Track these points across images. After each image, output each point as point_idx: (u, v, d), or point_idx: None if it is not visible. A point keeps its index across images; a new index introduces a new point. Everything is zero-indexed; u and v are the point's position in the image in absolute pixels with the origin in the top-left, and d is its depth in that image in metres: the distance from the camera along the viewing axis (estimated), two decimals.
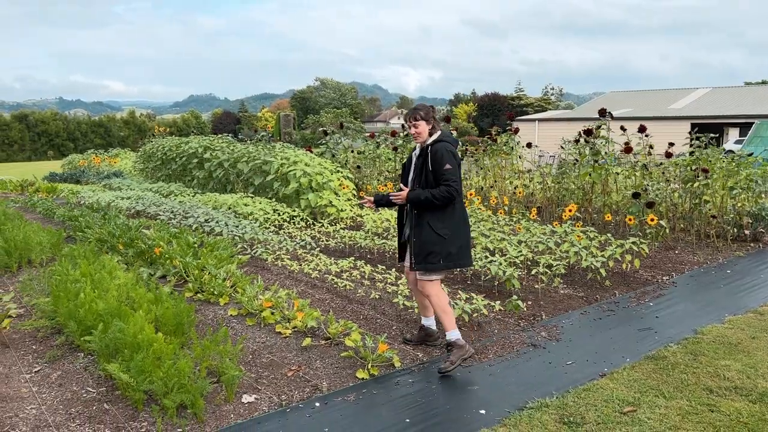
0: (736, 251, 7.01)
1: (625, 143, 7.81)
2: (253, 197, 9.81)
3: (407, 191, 3.79)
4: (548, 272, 5.30)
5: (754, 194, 7.61)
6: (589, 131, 7.78)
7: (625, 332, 4.48)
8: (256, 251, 6.77)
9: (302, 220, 8.87)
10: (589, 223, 7.90)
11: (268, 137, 17.92)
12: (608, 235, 6.10)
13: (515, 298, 4.75)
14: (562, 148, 9.79)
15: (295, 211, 9.00)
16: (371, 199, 4.07)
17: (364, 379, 3.67)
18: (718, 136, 10.46)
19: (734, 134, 31.82)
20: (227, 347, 3.61)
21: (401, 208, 4.03)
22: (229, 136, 14.76)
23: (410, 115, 3.82)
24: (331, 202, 9.11)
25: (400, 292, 5.02)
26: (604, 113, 8.02)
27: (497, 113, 65.55)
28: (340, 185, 9.51)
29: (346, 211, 9.00)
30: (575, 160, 8.53)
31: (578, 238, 6.07)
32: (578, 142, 8.79)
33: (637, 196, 6.77)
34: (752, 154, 8.44)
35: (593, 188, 8.13)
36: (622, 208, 7.98)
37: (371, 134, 11.85)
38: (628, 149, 7.62)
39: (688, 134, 8.07)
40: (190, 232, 6.80)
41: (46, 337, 4.46)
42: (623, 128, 8.01)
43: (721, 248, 7.14)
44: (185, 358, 3.39)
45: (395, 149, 11.12)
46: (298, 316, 4.45)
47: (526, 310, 4.92)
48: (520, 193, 8.95)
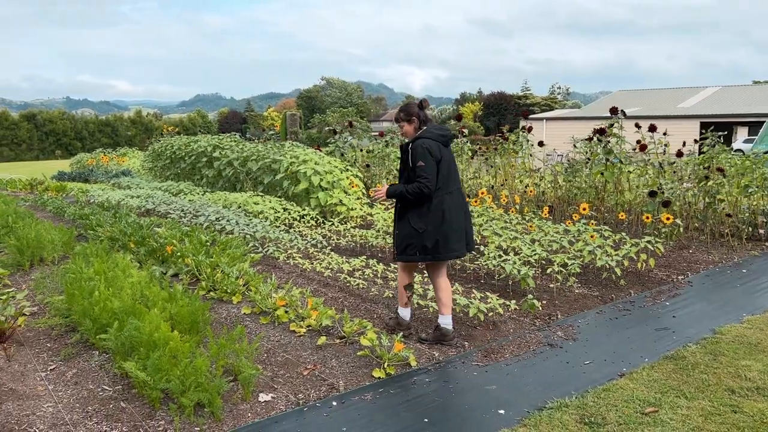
0: (751, 250, 6.94)
1: (638, 141, 7.74)
2: (262, 196, 9.80)
3: (385, 188, 4.05)
4: (563, 271, 5.25)
5: None
6: (602, 130, 7.73)
7: (642, 332, 4.43)
8: (267, 250, 6.75)
9: (312, 218, 8.86)
10: (601, 222, 7.85)
11: (276, 136, 17.93)
12: (622, 234, 6.04)
13: (530, 297, 4.71)
14: (574, 146, 9.74)
15: (305, 209, 8.99)
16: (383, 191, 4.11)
17: (380, 378, 3.64)
18: (726, 134, 10.37)
19: (743, 133, 31.62)
20: (243, 345, 3.60)
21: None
22: (236, 135, 14.77)
23: (395, 117, 4.10)
24: (341, 200, 9.10)
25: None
26: (615, 111, 7.96)
27: (503, 112, 65.39)
28: (350, 184, 9.48)
29: (356, 209, 8.98)
30: (587, 158, 8.47)
31: (592, 237, 6.03)
32: (591, 140, 8.74)
33: (653, 194, 6.72)
34: None
35: (605, 187, 8.07)
36: (634, 206, 7.92)
37: (380, 133, 11.82)
38: (642, 147, 7.56)
39: (702, 132, 8.01)
40: (201, 230, 6.80)
41: (60, 335, 4.45)
42: (638, 126, 7.95)
43: (736, 247, 7.07)
44: (201, 356, 3.38)
45: None
46: (312, 314, 4.42)
47: (541, 309, 4.88)
48: (531, 191, 8.90)
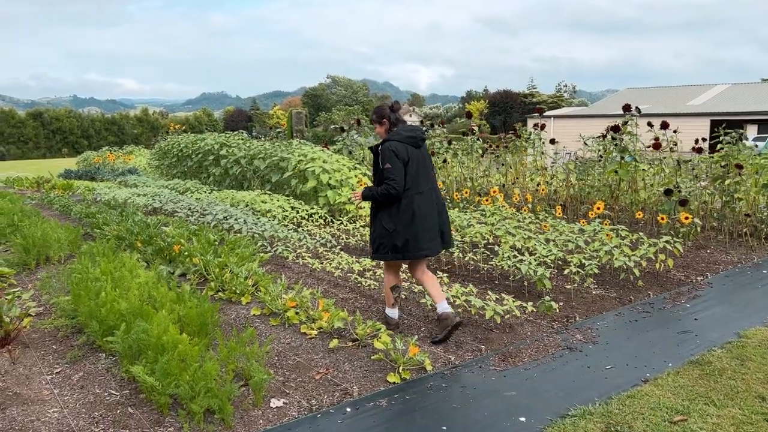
0: None
1: (655, 138, 7.59)
2: (270, 194, 9.70)
3: (361, 190, 4.18)
4: (580, 272, 5.12)
5: None
6: (616, 127, 7.57)
7: (663, 335, 4.29)
8: (276, 249, 6.64)
9: (321, 217, 8.74)
10: (615, 221, 7.69)
11: (282, 134, 17.84)
12: (640, 233, 5.89)
13: (548, 299, 4.58)
14: (585, 144, 9.58)
15: (313, 208, 8.87)
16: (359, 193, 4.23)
17: (395, 383, 3.52)
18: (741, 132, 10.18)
19: (753, 131, 31.29)
20: (254, 349, 3.48)
21: None
22: (243, 133, 14.68)
23: (370, 119, 4.27)
24: (349, 199, 8.97)
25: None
26: (629, 108, 7.80)
27: (509, 110, 65.09)
28: (358, 182, 9.36)
29: (365, 208, 8.85)
30: (599, 156, 8.32)
31: (608, 236, 5.89)
32: (603, 138, 8.58)
33: (669, 193, 6.56)
34: None
35: (620, 185, 7.91)
36: (649, 205, 7.77)
37: None
38: (657, 145, 7.40)
39: (713, 130, 7.84)
40: (209, 229, 6.70)
41: (66, 336, 4.36)
42: (650, 124, 7.78)
43: (755, 247, 6.91)
44: (211, 360, 3.27)
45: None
46: (323, 316, 4.31)
47: (558, 311, 4.74)
48: (543, 190, 8.76)
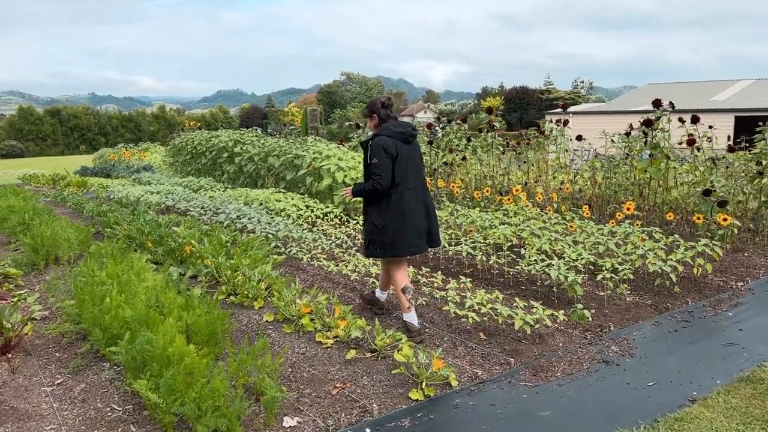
0: None
1: (688, 135, 7.21)
2: (284, 193, 9.46)
3: (351, 187, 4.17)
4: (614, 278, 4.80)
5: None
6: (648, 122, 7.20)
7: (707, 348, 3.96)
8: (290, 250, 6.40)
9: (336, 216, 8.49)
10: (645, 222, 7.33)
11: (297, 131, 17.62)
12: (675, 236, 5.55)
13: (580, 307, 4.28)
14: (612, 141, 9.21)
15: (328, 207, 8.62)
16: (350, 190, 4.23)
17: (418, 400, 3.24)
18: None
19: None
20: (266, 361, 3.23)
21: None
22: (258, 130, 14.48)
23: (362, 114, 4.39)
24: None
25: (449, 298, 4.58)
26: (659, 104, 7.43)
27: (525, 107, 64.42)
28: None
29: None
30: (627, 153, 7.96)
31: (640, 239, 5.55)
32: (629, 134, 8.22)
33: (708, 193, 6.19)
34: None
35: (650, 184, 7.55)
36: (682, 205, 7.39)
37: None
38: (691, 141, 7.02)
39: (738, 127, 7.43)
40: (222, 229, 6.47)
41: (70, 343, 4.14)
42: (682, 120, 7.41)
43: None
44: (220, 374, 3.02)
45: (430, 143, 10.65)
46: (340, 324, 4.04)
47: (591, 319, 4.43)
48: (567, 189, 8.41)
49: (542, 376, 3.56)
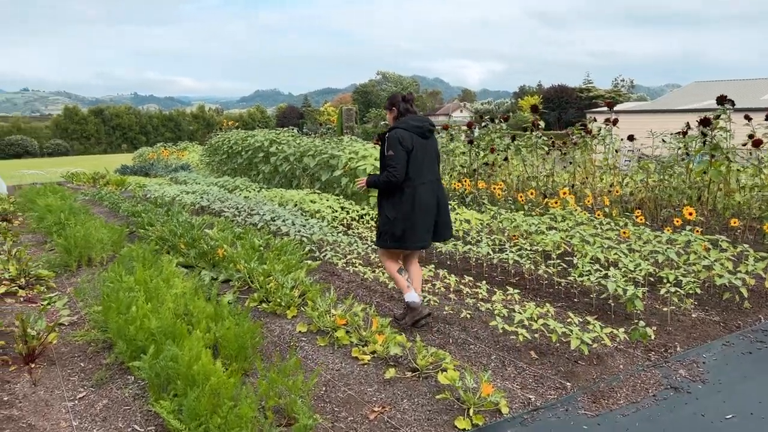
0: None
1: (750, 135, 6.67)
2: (319, 194, 9.23)
3: (366, 177, 4.25)
4: (678, 291, 4.36)
5: None
6: (706, 121, 6.68)
7: None
8: (325, 254, 6.13)
9: (372, 219, 8.20)
10: (705, 228, 6.81)
11: (332, 131, 17.45)
12: (744, 245, 5.06)
13: (642, 324, 3.87)
14: (663, 141, 8.66)
15: (364, 209, 8.34)
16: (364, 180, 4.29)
17: (465, 430, 2.92)
18: None
19: None
20: (298, 382, 2.96)
21: None
22: (294, 129, 14.34)
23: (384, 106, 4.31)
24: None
25: (496, 311, 4.22)
26: (723, 100, 6.89)
27: (564, 106, 63.05)
28: None
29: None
30: (685, 154, 7.43)
31: (704, 247, 5.08)
32: (686, 134, 7.68)
33: None
34: None
35: (709, 188, 7.02)
36: (746, 211, 6.84)
37: (444, 126, 11.03)
38: (757, 141, 6.48)
39: None
40: (255, 232, 6.26)
41: (96, 352, 3.96)
42: (748, 117, 6.86)
43: None
44: (248, 397, 2.75)
45: (471, 142, 10.26)
46: (377, 339, 3.74)
47: (653, 338, 4.01)
48: (616, 191, 7.92)
49: (603, 403, 3.19)
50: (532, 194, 7.81)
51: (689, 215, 5.92)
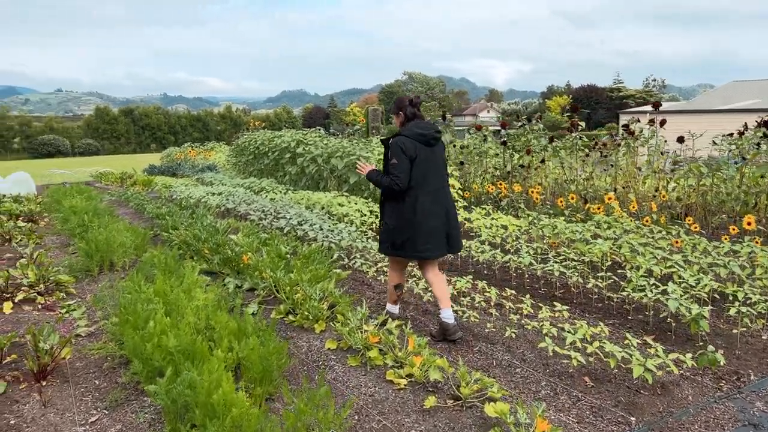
0: None
1: None
2: (347, 196, 8.93)
3: (370, 167, 4.15)
4: (749, 311, 3.92)
5: None
6: None
7: None
8: (354, 262, 5.81)
9: None
10: (765, 238, 6.29)
11: (360, 131, 17.14)
12: None
13: (711, 349, 3.44)
14: (714, 143, 8.15)
15: None
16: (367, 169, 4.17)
17: None
18: None
19: None
20: (329, 414, 2.63)
21: None
22: (320, 130, 14.08)
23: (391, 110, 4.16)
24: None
25: (544, 330, 3.84)
26: None
27: (594, 106, 61.74)
28: None
29: None
30: (741, 158, 6.92)
31: None
32: (742, 134, 7.17)
33: None
34: None
35: None
36: None
37: (478, 126, 10.64)
38: None
39: None
40: (281, 239, 5.97)
41: (113, 368, 3.70)
42: None
43: None
44: (274, 430, 2.44)
45: (504, 143, 9.86)
46: (415, 361, 3.40)
47: (722, 364, 3.59)
48: (663, 196, 7.44)
49: None
50: (572, 199, 7.38)
51: (748, 224, 5.44)
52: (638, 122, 8.55)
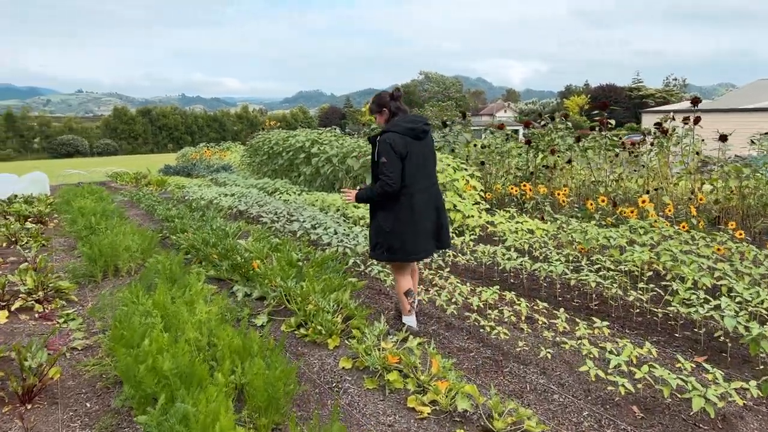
0: None
1: None
2: None
3: (356, 191, 3.82)
4: None
5: None
6: None
7: None
8: (370, 269, 5.44)
9: None
10: None
11: (376, 131, 16.81)
12: None
13: None
14: (752, 142, 7.65)
15: None
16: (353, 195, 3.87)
17: None
18: None
19: None
20: None
21: None
22: (336, 129, 13.75)
23: (369, 108, 3.85)
24: (455, 205, 7.64)
25: (584, 351, 3.44)
26: None
27: (613, 105, 60.78)
28: (466, 185, 8.01)
29: (473, 217, 7.48)
30: None
31: None
32: None
33: None
34: None
35: None
36: None
37: (500, 126, 10.21)
38: None
39: None
40: (293, 244, 5.62)
41: (107, 388, 3.37)
42: None
43: None
44: None
45: (528, 143, 9.43)
46: (440, 387, 3.02)
47: None
48: (701, 199, 6.96)
49: None
50: (603, 201, 6.94)
51: None
52: (672, 120, 8.08)
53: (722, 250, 5.09)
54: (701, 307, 3.69)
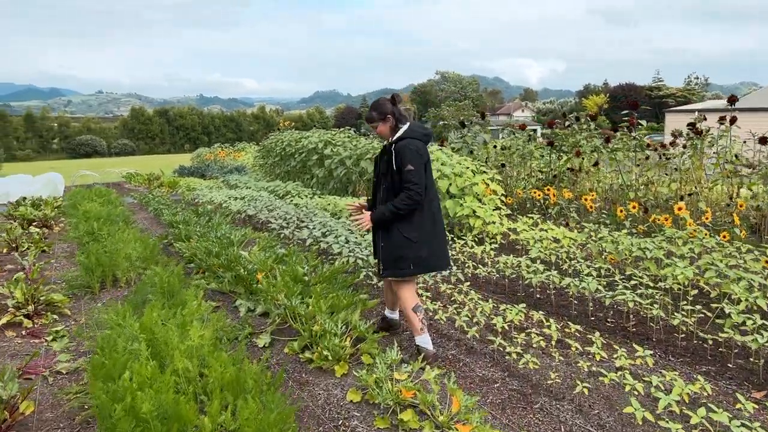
0: None
1: None
2: None
3: (370, 215, 3.49)
4: None
5: None
6: None
7: None
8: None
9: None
10: None
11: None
12: None
13: None
14: None
15: None
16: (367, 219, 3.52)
17: None
18: None
19: None
20: None
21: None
22: (351, 129, 13.39)
23: (367, 117, 3.61)
24: (474, 211, 7.21)
25: (627, 387, 3.00)
26: None
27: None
28: (486, 189, 7.57)
29: (495, 224, 7.04)
30: None
31: None
32: None
33: None
34: None
35: None
36: None
37: (521, 126, 9.74)
38: None
39: None
40: (299, 255, 5.24)
41: (86, 423, 3.01)
42: None
43: None
44: None
45: (551, 144, 8.96)
46: (461, 431, 2.61)
47: None
48: (741, 205, 6.45)
49: None
50: (634, 208, 6.46)
51: None
52: (705, 120, 7.57)
53: None
54: (760, 335, 3.23)
